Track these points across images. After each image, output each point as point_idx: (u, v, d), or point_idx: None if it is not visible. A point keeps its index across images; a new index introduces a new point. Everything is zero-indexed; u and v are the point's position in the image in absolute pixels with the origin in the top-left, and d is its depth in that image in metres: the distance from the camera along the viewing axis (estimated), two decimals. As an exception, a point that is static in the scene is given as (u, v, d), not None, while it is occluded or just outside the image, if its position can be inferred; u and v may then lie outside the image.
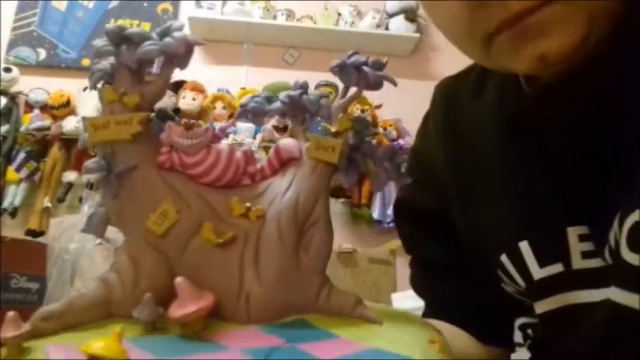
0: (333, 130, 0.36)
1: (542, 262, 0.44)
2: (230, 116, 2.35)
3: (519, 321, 0.53)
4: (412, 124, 2.35)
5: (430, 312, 0.58)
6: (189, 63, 0.35)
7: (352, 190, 2.26)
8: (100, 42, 0.34)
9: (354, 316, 0.33)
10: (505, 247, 0.46)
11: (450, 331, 0.53)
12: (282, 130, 2.21)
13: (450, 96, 0.57)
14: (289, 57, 2.59)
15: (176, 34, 0.34)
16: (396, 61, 2.47)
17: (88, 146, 0.35)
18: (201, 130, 0.35)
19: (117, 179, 0.33)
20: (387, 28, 2.52)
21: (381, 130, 2.35)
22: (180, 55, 0.34)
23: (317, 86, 2.33)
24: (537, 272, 0.44)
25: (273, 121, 2.12)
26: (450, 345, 0.33)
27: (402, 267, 1.68)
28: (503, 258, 0.46)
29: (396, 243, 1.33)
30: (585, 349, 0.41)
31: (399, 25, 2.50)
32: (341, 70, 0.36)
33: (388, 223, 2.28)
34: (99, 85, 0.35)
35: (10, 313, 0.28)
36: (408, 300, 1.20)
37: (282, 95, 0.38)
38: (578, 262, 0.42)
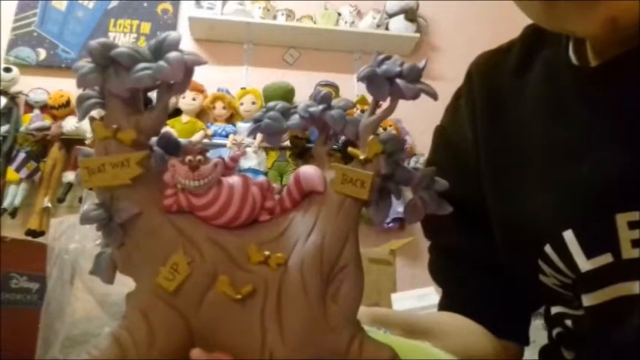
0: (362, 156, 0.31)
1: (589, 253, 0.40)
2: (230, 117, 2.35)
3: (554, 309, 0.50)
4: (412, 124, 2.35)
5: (447, 302, 0.57)
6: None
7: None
8: (84, 65, 0.29)
9: None
10: (549, 238, 0.43)
11: (465, 325, 0.52)
12: (282, 130, 2.20)
13: (490, 73, 0.53)
14: (289, 57, 2.59)
15: (172, 55, 0.29)
16: (396, 61, 2.46)
17: (84, 186, 0.31)
18: (209, 167, 0.30)
19: (120, 228, 0.30)
20: (387, 28, 2.52)
21: (381, 130, 2.35)
22: (178, 81, 0.30)
23: (317, 86, 2.33)
24: (584, 264, 0.41)
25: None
26: (465, 340, 0.31)
27: (402, 267, 1.68)
28: (548, 249, 0.43)
29: (396, 243, 1.33)
30: (633, 342, 0.39)
31: (399, 25, 2.50)
32: (370, 81, 0.32)
33: (388, 223, 2.27)
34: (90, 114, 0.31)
35: None
36: (408, 300, 1.20)
37: (302, 109, 0.33)
38: (628, 252, 0.39)
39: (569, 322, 0.48)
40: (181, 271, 0.29)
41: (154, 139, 0.33)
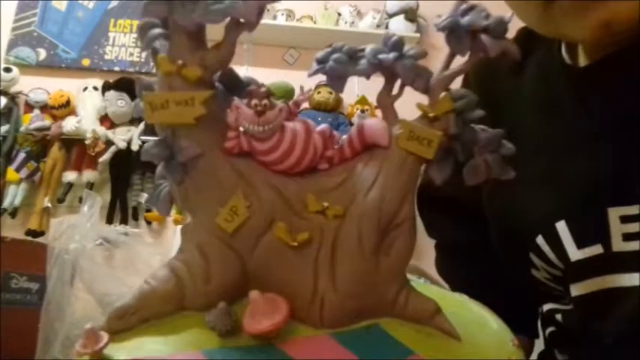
0: (432, 113, 0.30)
1: (580, 243, 0.42)
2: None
3: (546, 306, 0.51)
4: (412, 124, 2.35)
5: None
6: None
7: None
8: None
9: (432, 326, 0.30)
10: (541, 229, 0.44)
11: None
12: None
13: (485, 77, 0.54)
14: (289, 57, 2.59)
15: None
16: (396, 61, 2.46)
17: (147, 121, 0.30)
18: (275, 113, 0.29)
19: (181, 166, 0.30)
20: (387, 28, 2.52)
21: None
22: (251, 20, 0.28)
23: (317, 86, 2.33)
24: (575, 253, 0.42)
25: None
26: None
27: (402, 267, 1.70)
28: (539, 240, 0.44)
29: (396, 243, 1.32)
30: (619, 333, 0.40)
31: (399, 25, 2.50)
32: (451, 32, 0.30)
33: (388, 223, 2.27)
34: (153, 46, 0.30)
35: (88, 328, 0.27)
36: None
37: (371, 54, 0.32)
38: (618, 245, 0.40)
39: (559, 317, 0.49)
40: (240, 214, 0.30)
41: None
